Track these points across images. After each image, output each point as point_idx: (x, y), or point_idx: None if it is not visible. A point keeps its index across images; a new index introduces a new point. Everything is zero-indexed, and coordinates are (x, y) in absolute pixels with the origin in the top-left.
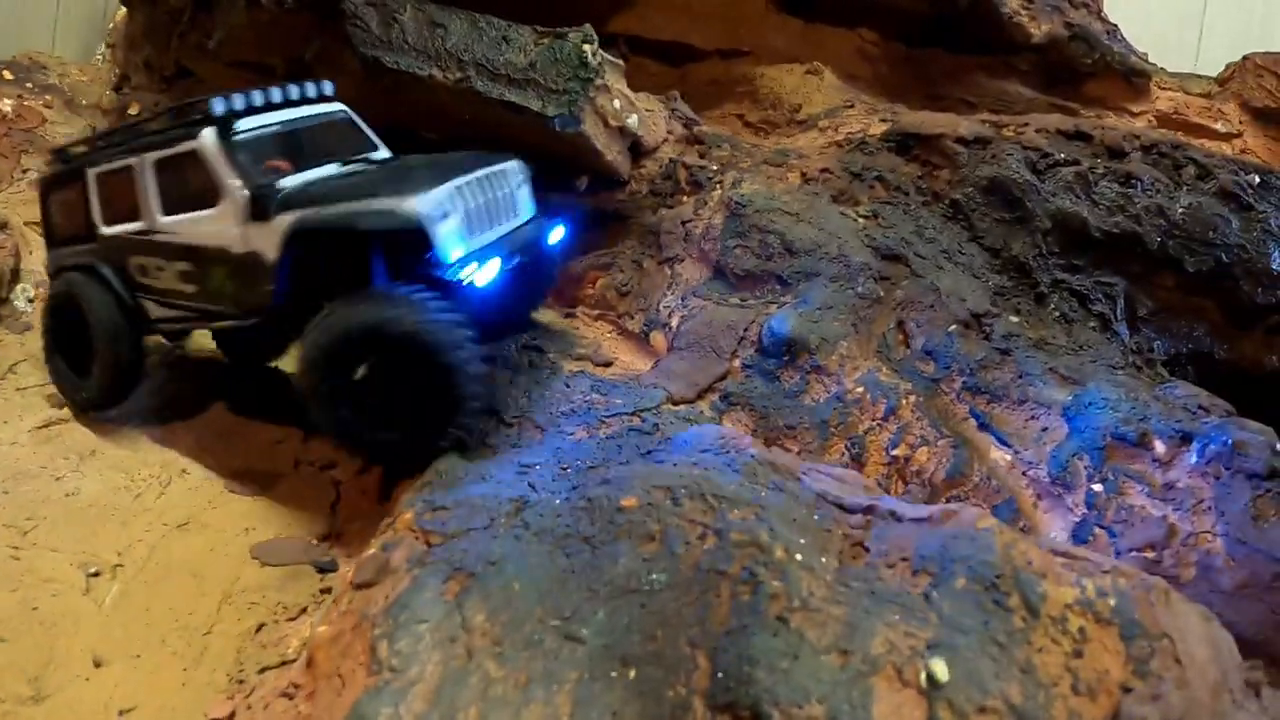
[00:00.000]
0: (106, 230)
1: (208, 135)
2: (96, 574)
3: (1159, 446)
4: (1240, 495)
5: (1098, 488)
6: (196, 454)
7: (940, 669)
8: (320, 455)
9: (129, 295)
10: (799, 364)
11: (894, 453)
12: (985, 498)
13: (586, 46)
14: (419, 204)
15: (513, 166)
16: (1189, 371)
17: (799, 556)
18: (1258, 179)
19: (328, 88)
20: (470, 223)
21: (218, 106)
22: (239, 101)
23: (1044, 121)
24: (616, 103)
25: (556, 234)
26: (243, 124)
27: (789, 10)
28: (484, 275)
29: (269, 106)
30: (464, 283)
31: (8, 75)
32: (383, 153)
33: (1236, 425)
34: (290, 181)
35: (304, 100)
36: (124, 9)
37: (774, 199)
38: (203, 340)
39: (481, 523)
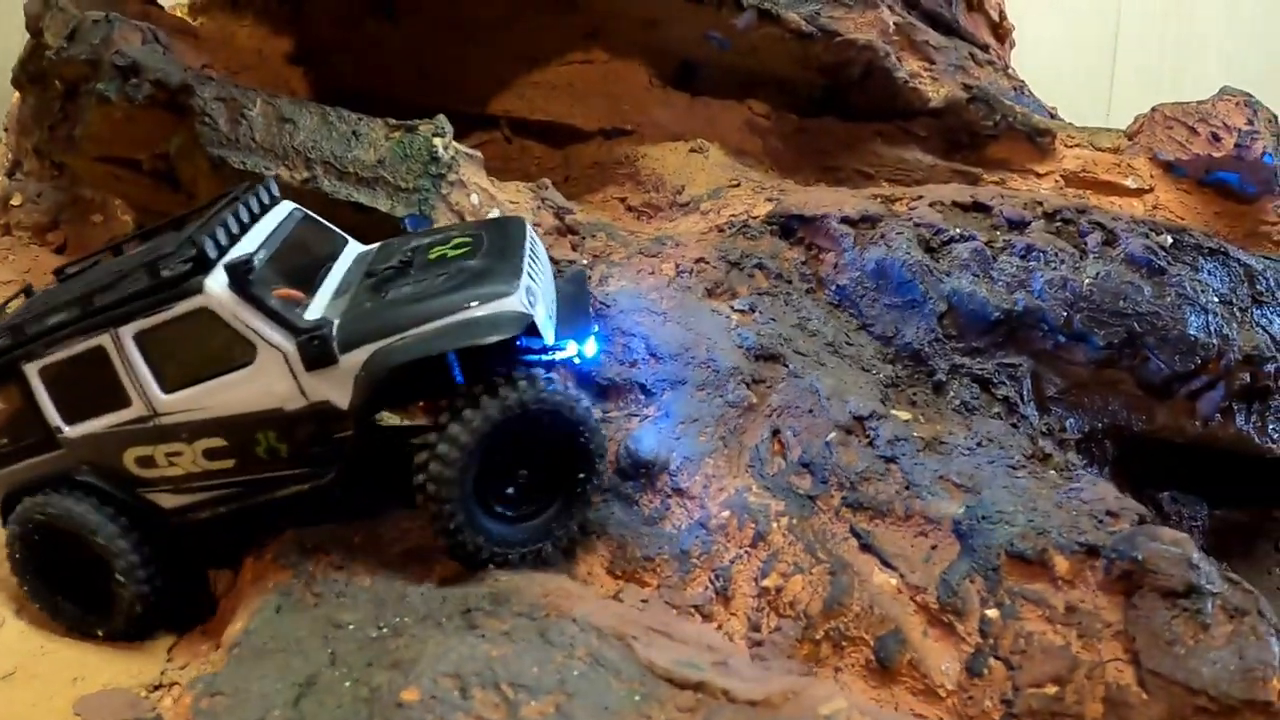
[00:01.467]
0: (75, 431)
1: (216, 287)
2: None
3: (1061, 563)
4: (1153, 617)
5: (992, 613)
6: None
7: None
8: None
9: (128, 496)
10: (659, 486)
11: (764, 584)
12: (868, 628)
13: (438, 140)
14: (515, 302)
15: (531, 228)
16: (1106, 447)
17: None
18: (1170, 239)
19: (274, 187)
20: (545, 302)
21: (210, 247)
22: (221, 234)
23: (939, 193)
24: (474, 197)
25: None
26: (251, 260)
27: (674, 85)
28: (589, 348)
29: (241, 228)
30: (572, 359)
31: None
32: (355, 245)
33: (1147, 536)
34: (330, 310)
35: (263, 210)
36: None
37: (640, 297)
38: None
39: (254, 716)
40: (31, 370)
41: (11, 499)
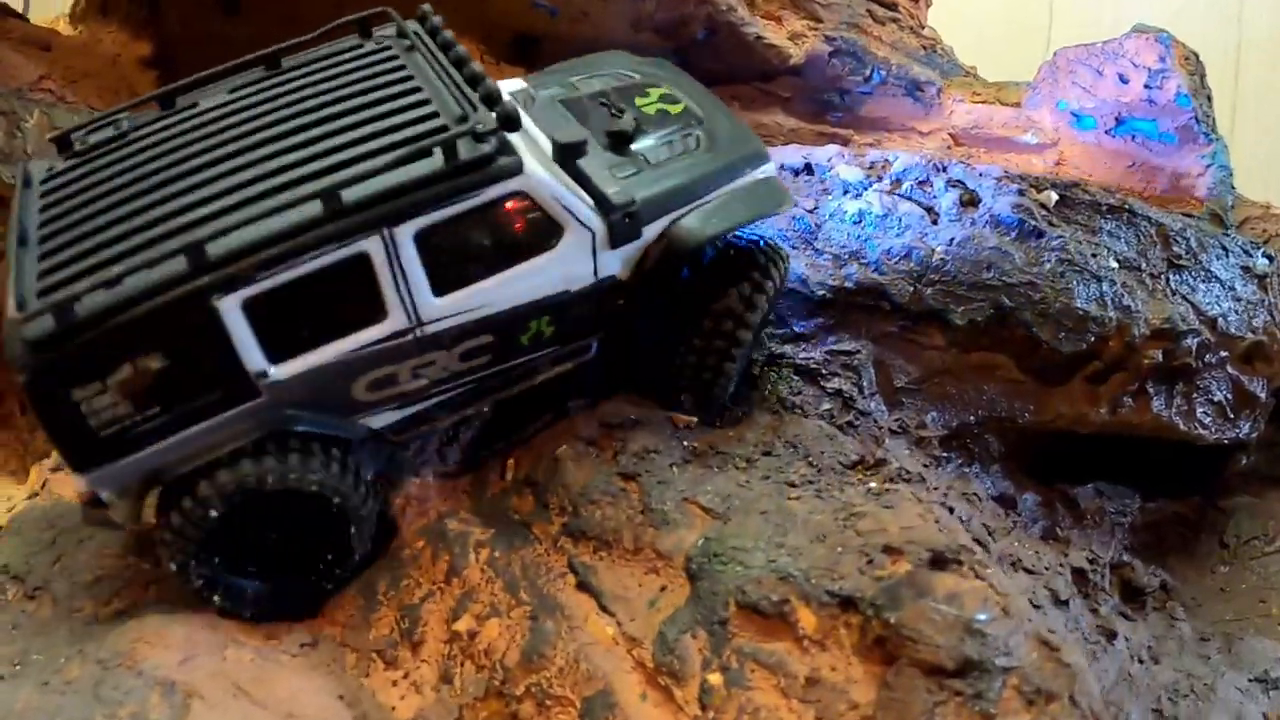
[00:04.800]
0: (285, 371)
1: (536, 169)
2: None
3: (807, 618)
4: (910, 700)
5: (715, 679)
6: None
7: None
8: None
9: (345, 430)
10: None
11: (455, 627)
12: (574, 686)
13: None
14: (774, 166)
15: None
16: (988, 442)
17: None
18: (1055, 196)
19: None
20: None
21: (509, 104)
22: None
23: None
24: None
25: None
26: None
27: (511, 60)
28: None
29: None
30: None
31: None
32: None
33: (915, 587)
34: (614, 178)
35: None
36: None
37: None
38: None
39: None
40: (230, 305)
41: (178, 485)
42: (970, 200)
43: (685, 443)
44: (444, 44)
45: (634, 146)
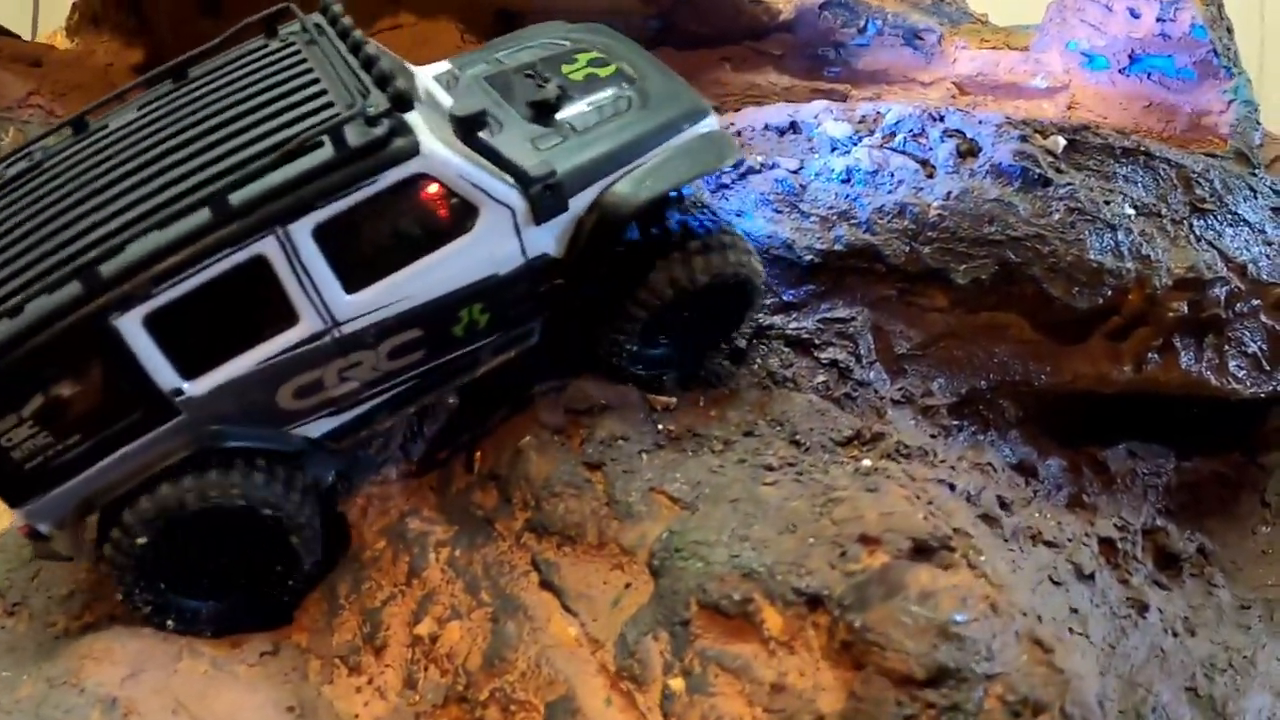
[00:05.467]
0: (201, 386)
1: (435, 144)
2: None
3: (773, 618)
4: (880, 712)
5: (676, 684)
6: None
7: None
8: None
9: (278, 443)
10: None
11: (417, 631)
12: (536, 691)
13: None
14: (716, 120)
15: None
16: (1003, 408)
17: None
18: (1063, 141)
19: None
20: None
21: (401, 84)
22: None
23: (755, 118)
24: None
25: None
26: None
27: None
28: None
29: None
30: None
31: None
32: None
33: (886, 587)
34: (511, 149)
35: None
36: None
37: None
38: None
39: None
40: (130, 323)
41: (108, 513)
42: (969, 150)
43: (660, 426)
44: (342, 32)
45: (560, 115)
